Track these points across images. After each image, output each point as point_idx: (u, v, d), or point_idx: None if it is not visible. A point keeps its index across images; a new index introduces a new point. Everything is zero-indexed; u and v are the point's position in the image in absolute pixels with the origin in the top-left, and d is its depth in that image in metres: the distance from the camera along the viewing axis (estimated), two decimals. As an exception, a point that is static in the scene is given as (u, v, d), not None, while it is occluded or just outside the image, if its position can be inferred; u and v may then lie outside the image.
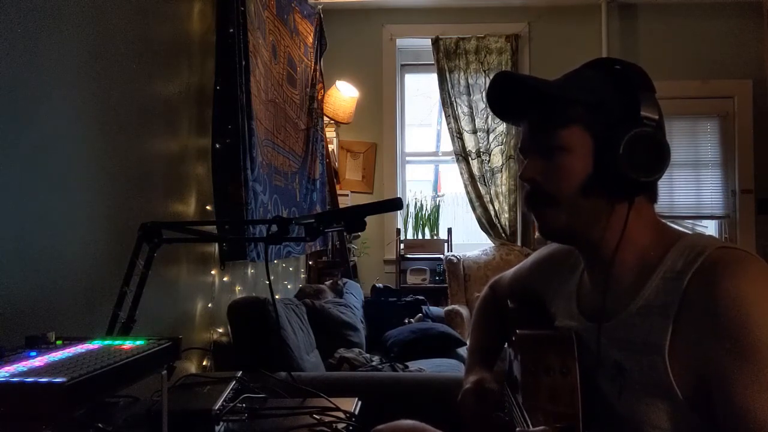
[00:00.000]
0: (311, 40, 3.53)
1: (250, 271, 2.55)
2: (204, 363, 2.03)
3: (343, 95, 4.04)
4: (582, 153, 0.83)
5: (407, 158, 4.75)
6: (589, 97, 0.83)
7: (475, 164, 4.36)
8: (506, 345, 1.14)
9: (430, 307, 3.52)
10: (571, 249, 0.98)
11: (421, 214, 4.50)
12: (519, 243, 4.37)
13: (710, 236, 0.85)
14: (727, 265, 0.74)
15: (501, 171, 4.35)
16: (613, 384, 0.84)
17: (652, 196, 0.87)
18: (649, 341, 0.78)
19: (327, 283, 3.37)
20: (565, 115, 0.84)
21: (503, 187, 4.34)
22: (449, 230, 4.43)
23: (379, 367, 2.30)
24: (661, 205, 4.39)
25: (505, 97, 0.90)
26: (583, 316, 0.93)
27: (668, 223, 0.89)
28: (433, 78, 4.47)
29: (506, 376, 1.08)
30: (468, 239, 4.66)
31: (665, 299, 0.78)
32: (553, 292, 1.03)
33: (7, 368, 0.67)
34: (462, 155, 4.37)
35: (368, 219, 1.05)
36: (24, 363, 0.69)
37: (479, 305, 1.26)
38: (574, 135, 0.83)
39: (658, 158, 0.80)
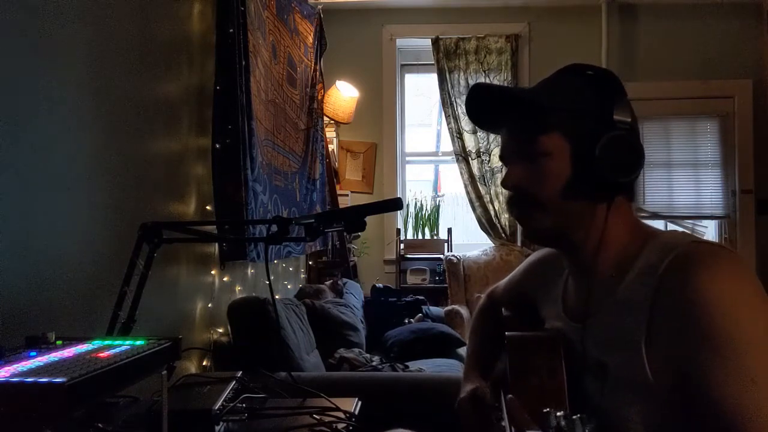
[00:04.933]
0: (311, 40, 3.53)
1: (250, 271, 2.55)
2: (204, 363, 2.03)
3: (343, 95, 4.04)
4: (562, 157, 0.86)
5: (407, 158, 4.75)
6: (567, 105, 0.86)
7: (475, 164, 4.36)
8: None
9: (430, 307, 3.52)
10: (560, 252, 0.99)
11: (421, 214, 4.50)
12: (519, 243, 4.37)
13: (684, 232, 0.87)
14: (698, 259, 0.75)
15: (501, 171, 4.35)
16: (596, 382, 0.85)
17: (631, 195, 0.90)
18: (627, 338, 0.79)
19: (327, 283, 3.37)
20: (544, 123, 0.86)
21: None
22: (449, 230, 4.43)
23: (379, 367, 2.30)
24: (661, 205, 4.36)
25: (484, 107, 0.93)
26: (567, 317, 0.95)
27: (644, 222, 0.91)
28: (433, 78, 4.47)
29: (502, 378, 1.08)
30: (468, 239, 4.66)
31: (640, 296, 0.79)
32: (543, 296, 1.05)
33: (7, 368, 0.67)
34: (462, 155, 4.37)
35: (368, 219, 1.06)
36: (24, 363, 0.69)
37: (476, 314, 1.28)
38: (553, 141, 0.86)
39: (632, 159, 0.83)
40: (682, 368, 0.73)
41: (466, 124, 4.37)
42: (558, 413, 0.67)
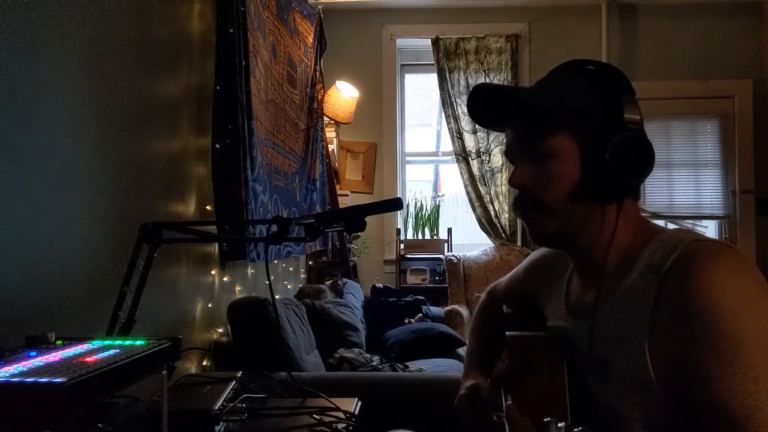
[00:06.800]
0: (311, 40, 3.53)
1: (250, 271, 2.55)
2: (204, 363, 2.03)
3: (343, 95, 4.04)
4: (569, 159, 0.84)
5: (407, 158, 4.75)
6: (573, 104, 0.85)
7: (475, 164, 4.36)
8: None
9: (430, 307, 3.52)
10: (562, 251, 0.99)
11: (421, 214, 4.50)
12: (519, 243, 4.37)
13: (687, 230, 0.86)
14: (701, 257, 0.74)
15: (501, 171, 4.35)
16: (598, 379, 0.85)
17: (636, 194, 0.89)
18: (629, 335, 0.79)
19: (327, 283, 3.37)
20: (551, 124, 0.85)
21: (503, 187, 4.34)
22: (449, 230, 4.43)
23: (379, 367, 2.30)
24: (661, 205, 4.35)
25: (487, 107, 0.91)
26: (570, 315, 0.94)
27: (649, 219, 0.90)
28: (433, 78, 4.47)
29: (503, 377, 1.08)
30: (468, 239, 4.66)
31: (643, 293, 0.79)
32: (546, 294, 1.05)
33: (7, 368, 0.67)
34: (462, 155, 4.37)
35: (368, 219, 1.05)
36: (24, 363, 0.69)
37: (477, 311, 1.28)
38: (561, 142, 0.84)
39: (644, 160, 0.82)
40: (685, 366, 0.72)
41: (466, 124, 4.37)
42: (559, 424, 0.66)
